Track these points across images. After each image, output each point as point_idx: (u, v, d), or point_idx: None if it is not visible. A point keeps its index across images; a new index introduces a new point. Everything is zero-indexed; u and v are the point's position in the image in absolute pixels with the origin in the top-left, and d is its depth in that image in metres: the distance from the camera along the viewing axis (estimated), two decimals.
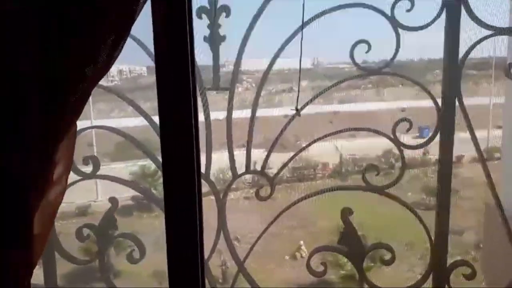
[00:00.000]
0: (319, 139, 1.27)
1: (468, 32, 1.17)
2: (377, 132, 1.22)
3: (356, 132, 1.35)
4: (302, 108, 1.23)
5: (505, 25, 1.14)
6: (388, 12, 1.18)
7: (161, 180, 0.98)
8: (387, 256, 1.24)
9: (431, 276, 1.23)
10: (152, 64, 1.08)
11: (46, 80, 0.69)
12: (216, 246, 1.37)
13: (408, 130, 1.21)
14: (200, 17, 1.29)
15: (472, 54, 1.18)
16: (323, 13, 1.23)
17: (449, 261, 1.21)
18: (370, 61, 1.38)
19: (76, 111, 0.75)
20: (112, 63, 0.77)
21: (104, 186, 1.40)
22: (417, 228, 1.30)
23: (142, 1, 0.75)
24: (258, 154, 1.37)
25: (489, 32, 1.13)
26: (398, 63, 1.53)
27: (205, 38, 1.29)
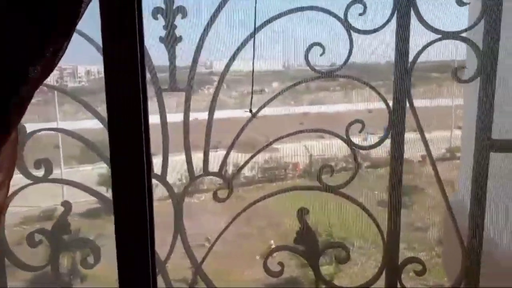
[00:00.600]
0: (269, 144, 1.29)
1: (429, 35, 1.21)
2: (330, 133, 1.25)
3: (325, 133, 1.36)
4: (258, 111, 1.24)
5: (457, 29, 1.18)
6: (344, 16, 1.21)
7: None
8: (343, 254, 1.27)
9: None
10: None
11: None
12: (174, 248, 1.36)
13: (360, 131, 1.24)
14: (155, 18, 1.28)
15: (436, 57, 1.23)
16: (279, 15, 1.24)
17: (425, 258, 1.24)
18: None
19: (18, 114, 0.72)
20: (55, 65, 0.75)
21: (71, 189, 1.37)
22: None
23: (86, 2, 0.73)
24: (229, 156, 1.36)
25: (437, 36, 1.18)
26: (365, 66, 1.56)
27: (161, 39, 1.28)
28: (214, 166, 1.40)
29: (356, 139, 1.22)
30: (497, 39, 1.15)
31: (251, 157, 1.32)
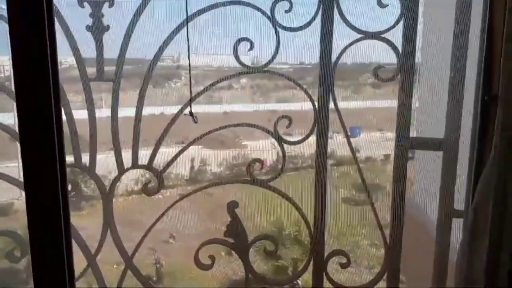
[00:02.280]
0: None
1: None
2: (255, 126, 1.27)
3: (292, 130, 1.35)
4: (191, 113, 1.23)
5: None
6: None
7: None
8: (271, 247, 1.29)
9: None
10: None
11: None
12: (103, 243, 1.33)
13: (287, 126, 1.27)
14: (82, 6, 1.24)
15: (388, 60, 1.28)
16: (213, 6, 1.24)
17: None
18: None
19: None
20: None
21: None
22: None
23: None
24: (195, 151, 1.34)
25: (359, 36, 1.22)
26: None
27: (87, 27, 1.25)
28: (184, 162, 1.35)
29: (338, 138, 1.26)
30: (414, 40, 1.20)
31: (180, 153, 1.31)
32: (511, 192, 0.86)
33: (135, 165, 1.30)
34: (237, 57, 1.25)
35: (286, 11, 1.24)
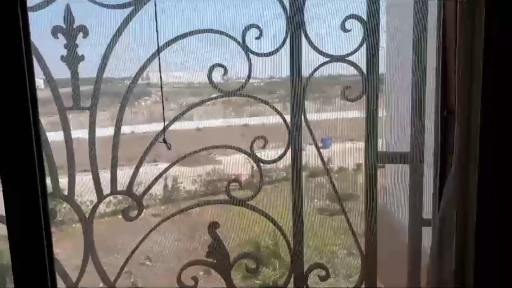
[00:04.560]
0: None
1: None
2: (232, 148, 1.31)
3: (267, 144, 1.37)
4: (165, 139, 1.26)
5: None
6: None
7: None
8: (252, 265, 1.32)
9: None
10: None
11: None
12: (85, 268, 1.32)
13: (263, 146, 1.32)
14: (56, 37, 1.26)
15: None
16: (179, 37, 1.28)
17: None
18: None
19: None
20: None
21: None
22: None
23: None
24: (171, 170, 1.34)
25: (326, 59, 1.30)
26: None
27: (62, 58, 1.26)
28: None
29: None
30: (377, 61, 1.29)
31: (160, 175, 1.33)
32: (472, 204, 0.94)
33: (114, 191, 1.31)
34: (211, 82, 1.30)
35: (257, 38, 1.31)
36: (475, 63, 0.95)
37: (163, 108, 1.24)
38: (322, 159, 1.33)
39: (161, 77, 1.25)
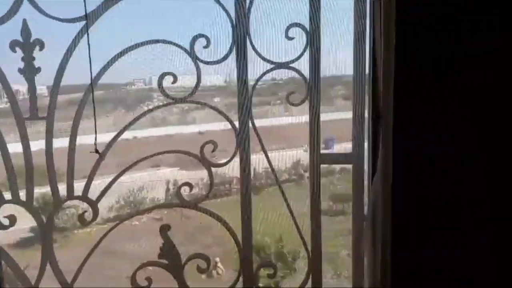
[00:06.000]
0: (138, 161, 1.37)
1: None
2: (186, 153, 1.37)
3: (269, 146, 1.42)
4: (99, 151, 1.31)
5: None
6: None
7: None
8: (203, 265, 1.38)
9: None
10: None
11: None
12: (43, 273, 1.38)
13: (212, 151, 1.37)
14: (14, 51, 1.34)
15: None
16: (127, 49, 1.35)
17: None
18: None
19: None
20: None
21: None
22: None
23: None
24: (172, 173, 1.39)
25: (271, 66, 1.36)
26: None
27: (19, 70, 1.34)
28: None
29: None
30: (319, 67, 1.35)
31: (112, 182, 1.38)
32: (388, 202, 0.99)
33: (70, 196, 1.37)
34: (162, 90, 1.36)
35: (204, 47, 1.37)
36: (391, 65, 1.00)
37: (94, 119, 1.30)
38: (270, 164, 1.39)
39: (91, 84, 1.31)
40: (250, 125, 1.38)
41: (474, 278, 1.00)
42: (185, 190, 1.38)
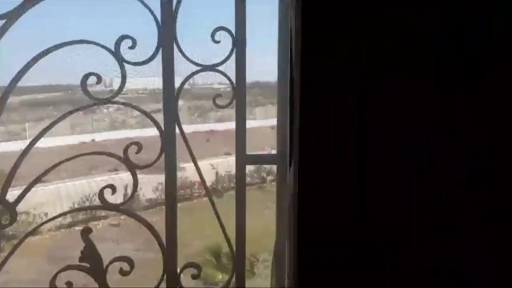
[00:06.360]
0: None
1: None
2: (109, 154, 1.35)
3: (232, 150, 1.41)
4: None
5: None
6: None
7: None
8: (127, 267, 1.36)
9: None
10: None
11: None
12: None
13: (137, 152, 1.36)
14: None
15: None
16: (55, 47, 1.32)
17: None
18: None
19: None
20: None
21: None
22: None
23: None
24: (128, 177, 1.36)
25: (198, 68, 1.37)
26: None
27: None
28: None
29: None
30: (244, 70, 1.37)
31: (29, 187, 1.34)
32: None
33: None
34: (85, 91, 1.34)
35: (130, 47, 1.36)
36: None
37: None
38: (197, 168, 1.40)
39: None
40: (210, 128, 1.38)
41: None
42: (107, 192, 1.36)
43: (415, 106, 1.03)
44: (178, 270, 1.40)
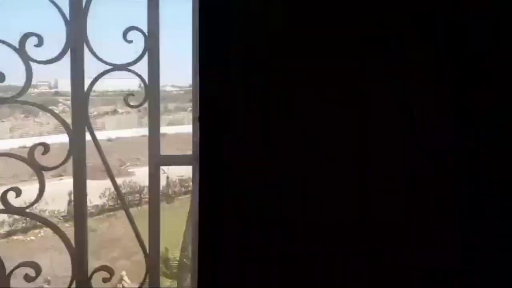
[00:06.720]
0: None
1: None
2: (12, 156, 1.30)
3: (182, 152, 1.43)
4: None
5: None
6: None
7: None
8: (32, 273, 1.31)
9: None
10: None
11: None
12: None
13: (43, 153, 1.32)
14: None
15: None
16: None
17: None
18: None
19: None
20: None
21: None
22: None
23: None
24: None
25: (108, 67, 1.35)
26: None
27: None
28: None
29: None
30: (158, 70, 1.37)
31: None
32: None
33: None
34: None
35: (36, 45, 1.31)
36: None
37: None
38: (109, 172, 1.37)
39: None
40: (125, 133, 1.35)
41: None
42: (11, 196, 1.30)
43: (415, 106, 1.02)
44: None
